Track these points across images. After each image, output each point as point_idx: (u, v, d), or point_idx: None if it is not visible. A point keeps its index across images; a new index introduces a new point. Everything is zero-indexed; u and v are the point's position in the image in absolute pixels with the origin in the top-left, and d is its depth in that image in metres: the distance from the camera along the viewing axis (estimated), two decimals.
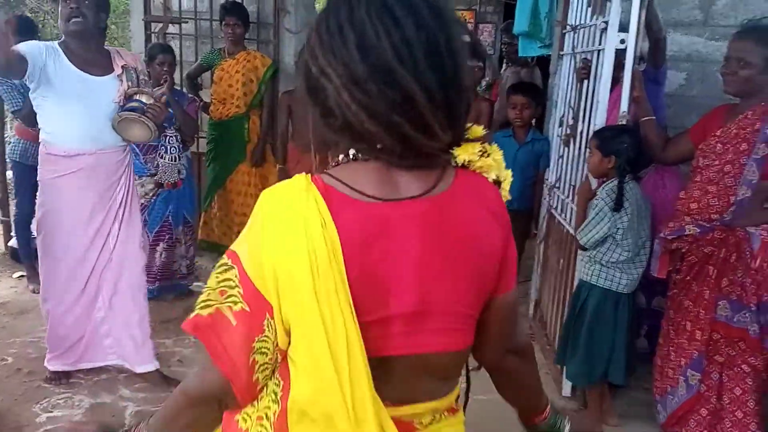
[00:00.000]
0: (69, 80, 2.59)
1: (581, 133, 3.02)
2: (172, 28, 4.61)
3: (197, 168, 4.52)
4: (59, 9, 2.60)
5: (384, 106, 0.83)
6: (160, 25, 4.62)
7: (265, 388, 0.94)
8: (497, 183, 0.99)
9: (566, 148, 3.31)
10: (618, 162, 2.50)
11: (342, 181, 0.89)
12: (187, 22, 4.57)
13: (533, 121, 3.98)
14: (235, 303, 0.88)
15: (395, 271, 0.88)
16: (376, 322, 0.88)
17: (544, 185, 3.74)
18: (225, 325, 0.88)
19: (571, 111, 3.28)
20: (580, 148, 3.04)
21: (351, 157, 0.92)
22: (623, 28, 2.61)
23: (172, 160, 3.83)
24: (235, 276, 0.89)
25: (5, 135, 4.89)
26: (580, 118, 3.06)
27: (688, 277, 2.47)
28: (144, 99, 2.69)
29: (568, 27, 3.43)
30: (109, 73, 2.68)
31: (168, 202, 3.88)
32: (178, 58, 4.14)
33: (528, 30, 4.09)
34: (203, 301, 0.91)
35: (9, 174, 5.57)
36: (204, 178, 4.55)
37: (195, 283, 4.10)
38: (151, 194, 3.81)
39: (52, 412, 2.72)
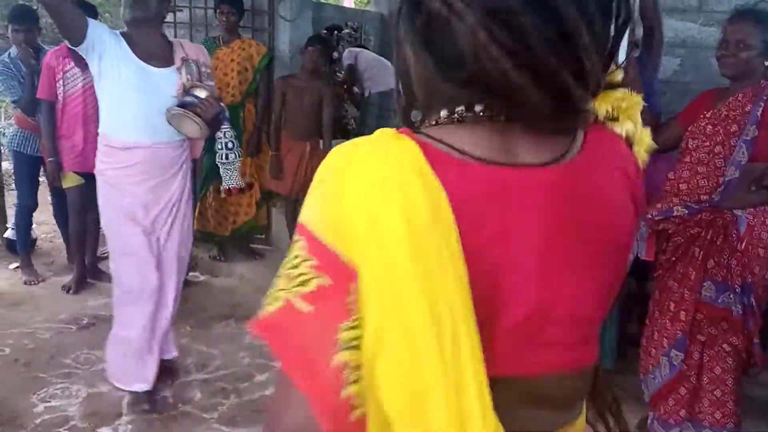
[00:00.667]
0: (129, 71, 2.51)
1: None
2: (167, 17, 4.57)
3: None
4: None
5: (538, 48, 0.61)
6: None
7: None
8: (628, 142, 0.80)
9: None
10: None
11: (442, 141, 0.68)
12: (181, 11, 4.54)
13: None
14: (306, 282, 0.62)
15: (511, 258, 0.67)
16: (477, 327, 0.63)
17: None
18: (296, 318, 0.62)
19: None
20: None
21: (456, 117, 0.69)
22: None
23: (229, 158, 3.80)
24: (304, 248, 0.64)
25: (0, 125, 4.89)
26: None
27: (674, 258, 2.48)
28: (200, 93, 2.58)
29: None
30: (170, 65, 2.60)
31: None
32: None
33: None
34: (271, 294, 0.66)
35: (5, 165, 5.59)
36: (199, 169, 4.54)
37: (191, 273, 4.10)
38: None
39: (49, 402, 2.74)
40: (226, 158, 3.78)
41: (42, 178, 4.18)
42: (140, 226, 2.62)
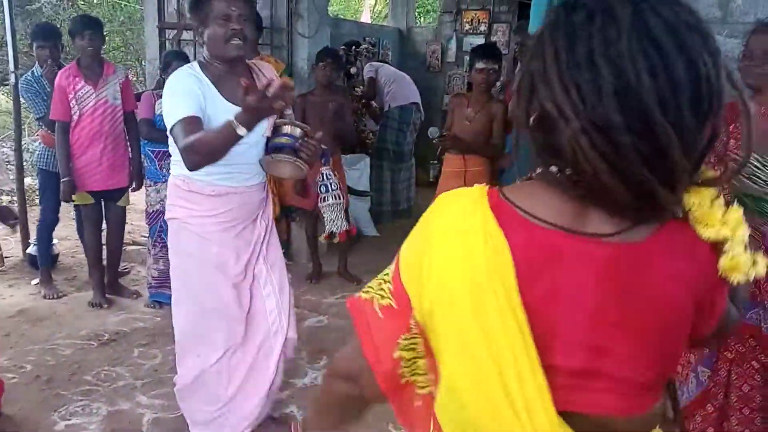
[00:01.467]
0: (221, 116, 2.07)
1: None
2: (186, 35, 4.62)
3: None
4: (208, 29, 2.19)
5: (634, 161, 0.69)
6: (174, 31, 4.64)
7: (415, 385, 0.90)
8: (716, 246, 0.82)
9: None
10: None
11: (516, 202, 0.79)
12: None
13: None
14: (383, 297, 0.87)
15: (565, 313, 0.76)
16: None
17: None
18: (373, 314, 0.87)
19: None
20: None
21: (549, 176, 0.79)
22: None
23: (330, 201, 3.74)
24: (391, 271, 0.88)
25: (22, 143, 4.95)
26: None
27: None
28: (294, 132, 2.30)
29: None
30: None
31: None
32: None
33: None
34: (368, 285, 0.91)
35: (27, 180, 5.66)
36: None
37: None
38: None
39: (70, 419, 2.73)
40: (325, 201, 3.69)
41: None
42: (231, 277, 2.41)
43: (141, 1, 2.65)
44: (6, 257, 4.51)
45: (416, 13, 10.53)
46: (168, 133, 2.16)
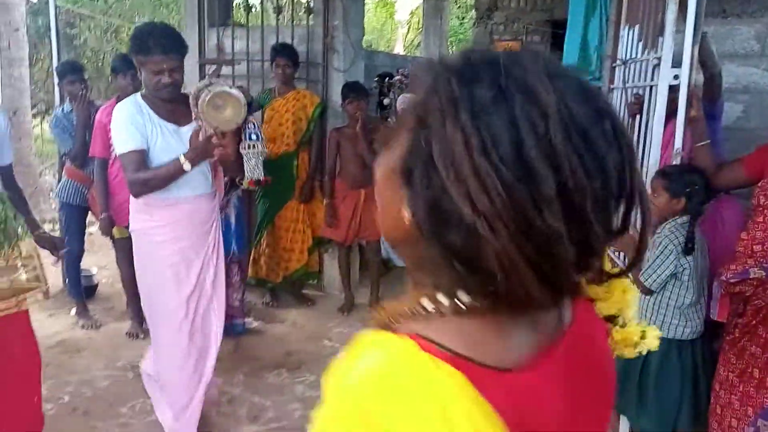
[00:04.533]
0: (163, 135, 2.58)
1: None
2: (225, 70, 4.73)
3: (248, 205, 4.59)
4: (144, 74, 2.58)
5: (569, 269, 0.59)
6: (214, 66, 4.75)
7: None
8: (610, 319, 0.80)
9: None
10: (689, 204, 2.43)
11: (461, 353, 0.61)
12: (239, 64, 4.68)
13: None
14: None
15: None
16: None
17: None
18: None
19: None
20: None
21: (454, 305, 0.63)
22: (676, 62, 2.54)
23: (255, 148, 3.65)
24: None
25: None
26: None
27: (754, 321, 2.34)
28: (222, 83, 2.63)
29: (618, 61, 3.37)
30: (190, 121, 2.65)
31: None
32: None
33: (577, 63, 4.05)
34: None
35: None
36: (253, 218, 4.61)
37: (246, 319, 4.13)
38: None
39: None
40: (252, 148, 3.68)
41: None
42: (181, 284, 2.67)
43: (182, 36, 2.75)
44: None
45: (449, 42, 10.60)
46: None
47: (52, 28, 5.12)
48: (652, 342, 0.82)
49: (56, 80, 4.60)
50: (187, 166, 2.46)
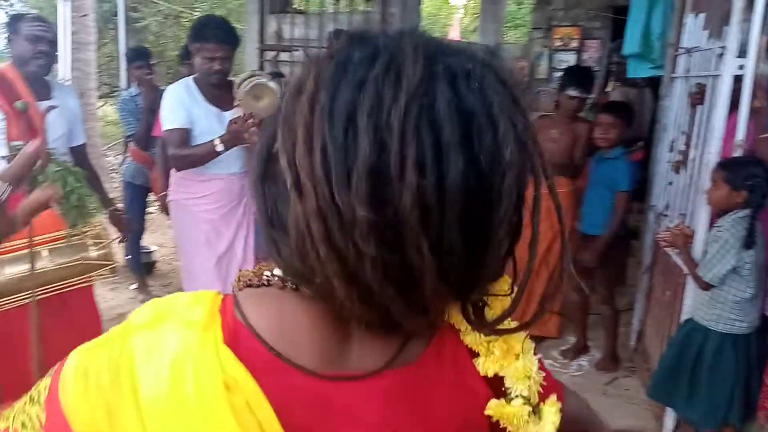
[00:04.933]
0: (206, 117, 2.82)
1: (693, 160, 2.89)
2: (284, 55, 4.82)
3: None
4: (198, 59, 2.78)
5: (376, 274, 0.49)
6: (273, 52, 4.85)
7: None
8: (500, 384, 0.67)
9: (676, 175, 3.17)
10: (750, 197, 2.38)
11: (263, 337, 0.56)
12: (297, 50, 4.77)
13: (641, 142, 3.82)
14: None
15: None
16: None
17: (651, 212, 3.58)
18: None
19: (682, 137, 3.14)
20: (691, 176, 2.91)
21: (278, 281, 0.58)
22: (742, 51, 2.47)
23: None
24: (46, 389, 0.56)
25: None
26: (693, 145, 2.93)
27: None
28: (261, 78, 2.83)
29: (681, 49, 3.30)
30: (232, 107, 2.84)
31: None
32: None
33: (639, 51, 3.96)
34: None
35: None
36: None
37: None
38: None
39: None
40: None
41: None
42: (215, 251, 2.91)
43: (243, 22, 2.82)
44: None
45: (506, 27, 10.46)
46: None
47: (120, 13, 5.31)
48: (549, 427, 0.66)
49: (123, 64, 4.77)
50: (220, 147, 2.67)
